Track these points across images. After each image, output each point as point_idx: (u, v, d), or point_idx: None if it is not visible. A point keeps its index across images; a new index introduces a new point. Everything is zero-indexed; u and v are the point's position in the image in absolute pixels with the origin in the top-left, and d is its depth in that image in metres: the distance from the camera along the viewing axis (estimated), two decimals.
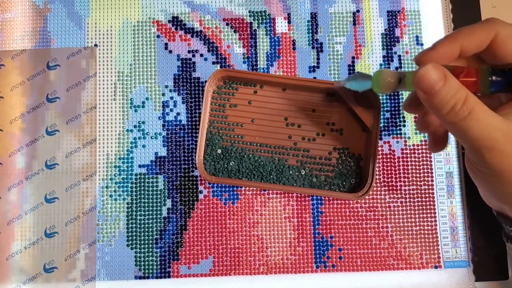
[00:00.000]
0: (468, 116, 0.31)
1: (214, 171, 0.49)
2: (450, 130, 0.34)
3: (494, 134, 0.31)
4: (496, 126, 0.31)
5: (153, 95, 0.52)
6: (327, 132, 0.50)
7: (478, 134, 0.32)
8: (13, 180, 0.51)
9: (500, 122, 0.31)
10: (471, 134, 0.32)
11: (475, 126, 0.31)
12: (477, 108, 0.31)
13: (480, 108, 0.31)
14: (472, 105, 0.31)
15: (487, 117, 0.31)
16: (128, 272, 0.50)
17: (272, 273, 0.50)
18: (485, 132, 0.31)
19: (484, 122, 0.31)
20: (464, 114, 0.31)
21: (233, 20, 0.54)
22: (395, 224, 0.50)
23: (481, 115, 0.31)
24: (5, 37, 0.53)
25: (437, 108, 0.32)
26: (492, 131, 0.31)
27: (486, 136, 0.31)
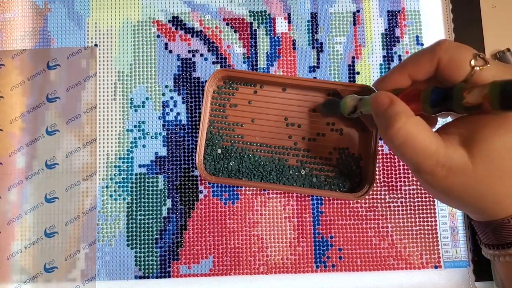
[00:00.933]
0: (404, 141, 0.33)
1: (214, 171, 0.49)
2: (393, 151, 0.36)
3: (428, 161, 0.33)
4: (428, 155, 0.33)
5: (153, 95, 0.52)
6: (327, 132, 0.50)
7: (414, 159, 0.34)
8: (13, 180, 0.51)
9: (432, 149, 0.33)
10: (408, 158, 0.34)
11: (409, 151, 0.33)
12: (414, 134, 0.33)
13: (416, 133, 0.33)
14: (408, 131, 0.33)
15: (422, 144, 0.33)
16: (128, 272, 0.50)
17: (272, 273, 0.50)
18: (420, 157, 0.33)
19: (419, 149, 0.33)
20: (401, 140, 0.33)
21: (233, 20, 0.54)
22: (395, 224, 0.50)
23: (417, 139, 0.33)
24: (5, 37, 0.53)
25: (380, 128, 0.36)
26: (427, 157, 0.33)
27: (421, 161, 0.33)
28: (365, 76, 0.53)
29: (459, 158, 0.33)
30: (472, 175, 0.33)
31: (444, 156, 0.33)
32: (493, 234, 0.37)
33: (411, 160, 0.34)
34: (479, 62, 0.33)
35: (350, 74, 0.53)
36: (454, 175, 0.33)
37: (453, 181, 0.33)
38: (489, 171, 0.32)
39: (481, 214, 0.36)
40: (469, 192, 0.34)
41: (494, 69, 0.33)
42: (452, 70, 0.34)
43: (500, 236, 0.36)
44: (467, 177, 0.33)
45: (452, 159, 0.33)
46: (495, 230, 0.36)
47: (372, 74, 0.53)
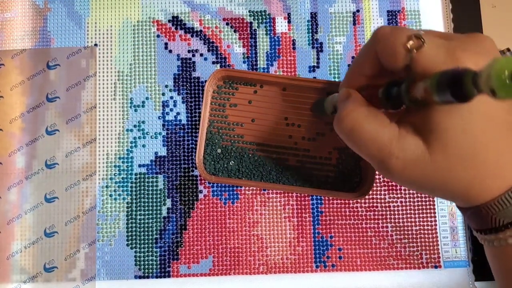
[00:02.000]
0: (351, 130, 0.33)
1: (214, 170, 0.49)
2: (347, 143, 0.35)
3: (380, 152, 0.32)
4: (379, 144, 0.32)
5: (153, 95, 0.52)
6: (327, 131, 0.50)
7: (365, 151, 0.33)
8: (13, 180, 0.51)
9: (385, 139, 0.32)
10: (358, 148, 0.33)
11: (359, 141, 0.33)
12: (360, 124, 0.32)
13: (364, 124, 0.32)
14: (355, 119, 0.32)
15: (371, 134, 0.32)
16: (128, 271, 0.50)
17: (272, 272, 0.50)
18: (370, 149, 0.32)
19: (368, 139, 0.32)
20: (348, 128, 0.33)
21: (233, 20, 0.54)
22: (395, 224, 0.50)
23: (364, 129, 0.32)
24: (5, 36, 0.53)
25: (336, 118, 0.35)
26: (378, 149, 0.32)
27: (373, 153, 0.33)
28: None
29: (414, 148, 0.31)
30: (431, 165, 0.31)
31: (397, 148, 0.31)
32: (471, 220, 0.36)
33: (364, 151, 0.33)
34: (415, 44, 0.31)
35: None
36: (412, 166, 0.32)
37: (412, 173, 0.32)
38: (448, 158, 0.31)
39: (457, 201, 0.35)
40: (432, 182, 0.32)
41: (434, 47, 0.31)
42: (389, 58, 0.32)
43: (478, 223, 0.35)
44: (426, 167, 0.31)
45: (407, 150, 0.31)
46: (472, 216, 0.35)
47: None
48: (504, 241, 0.33)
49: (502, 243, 0.33)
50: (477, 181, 0.32)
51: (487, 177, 0.32)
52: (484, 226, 0.34)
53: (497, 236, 0.33)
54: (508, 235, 0.33)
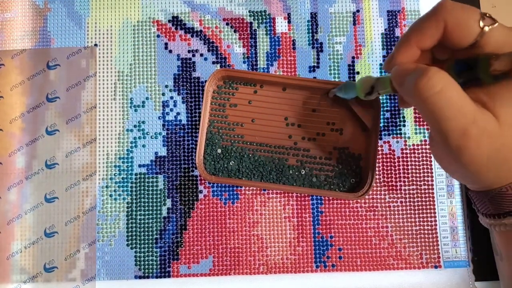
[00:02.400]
0: (439, 92, 0.30)
1: (214, 170, 0.49)
2: (422, 109, 0.32)
3: (464, 118, 0.30)
4: (465, 112, 0.30)
5: (153, 95, 0.52)
6: (327, 131, 0.50)
7: (448, 115, 0.31)
8: (13, 180, 0.51)
9: (470, 108, 0.31)
10: (441, 113, 0.31)
11: (445, 106, 0.30)
12: (448, 86, 0.30)
13: (452, 87, 0.30)
14: (444, 82, 0.30)
15: (458, 99, 0.30)
16: (128, 271, 0.50)
17: (272, 273, 0.50)
18: (456, 112, 0.30)
19: (455, 104, 0.30)
20: (436, 89, 0.30)
21: (233, 20, 0.54)
22: (395, 224, 0.50)
23: (453, 93, 0.30)
24: (5, 37, 0.53)
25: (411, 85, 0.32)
26: (461, 116, 0.30)
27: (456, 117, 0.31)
28: (365, 76, 0.52)
29: (490, 120, 0.31)
30: (500, 139, 0.31)
31: (479, 116, 0.30)
32: (491, 203, 0.35)
33: (448, 116, 0.30)
34: (487, 21, 0.31)
35: (350, 74, 0.53)
36: (485, 139, 0.31)
37: (484, 146, 0.31)
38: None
39: (483, 183, 0.35)
40: (495, 158, 0.32)
41: (502, 28, 0.31)
42: (460, 32, 0.31)
43: (498, 206, 0.35)
44: (496, 141, 0.31)
45: (487, 120, 0.31)
46: (493, 199, 0.35)
47: (372, 74, 0.52)
48: None
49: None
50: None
51: None
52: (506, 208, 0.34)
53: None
54: None
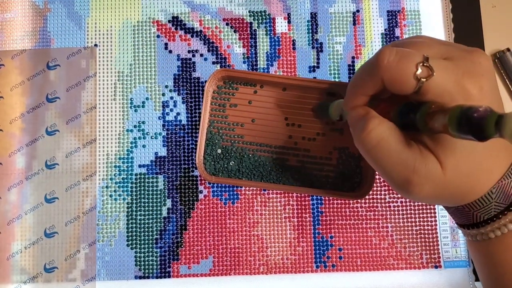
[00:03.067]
0: (377, 145, 0.32)
1: (214, 171, 0.49)
2: (367, 159, 0.35)
3: (405, 169, 0.32)
4: (405, 162, 0.32)
5: (153, 95, 0.52)
6: (327, 131, 0.50)
7: (388, 166, 0.33)
8: (13, 180, 0.51)
9: (410, 157, 0.32)
10: (382, 164, 0.33)
11: (384, 158, 0.33)
12: (386, 139, 0.32)
13: (390, 139, 0.32)
14: (382, 135, 0.32)
15: (397, 151, 0.32)
16: (128, 272, 0.50)
17: (272, 273, 0.50)
18: (395, 164, 0.32)
19: (394, 156, 0.32)
20: (374, 143, 0.32)
21: (233, 20, 0.54)
22: (395, 224, 0.50)
23: (391, 146, 0.32)
24: (5, 37, 0.53)
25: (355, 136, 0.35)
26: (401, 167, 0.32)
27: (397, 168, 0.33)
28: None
29: (433, 166, 0.32)
30: (443, 182, 0.32)
31: (421, 166, 0.32)
32: (453, 215, 0.37)
33: (388, 168, 0.33)
34: (424, 73, 0.30)
35: (350, 74, 0.53)
36: (429, 184, 0.32)
37: (428, 190, 0.33)
38: (458, 174, 0.32)
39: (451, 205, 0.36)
40: (441, 195, 0.34)
41: (443, 75, 0.31)
42: (397, 87, 0.31)
43: (459, 219, 0.37)
44: (439, 184, 0.32)
45: (429, 168, 0.32)
46: (454, 213, 0.37)
47: None
48: (486, 235, 0.35)
49: (484, 237, 0.35)
50: (474, 190, 0.34)
51: (479, 184, 0.33)
52: (467, 221, 0.36)
53: (479, 230, 0.35)
54: (489, 230, 0.35)
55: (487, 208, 0.34)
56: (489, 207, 0.34)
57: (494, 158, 0.33)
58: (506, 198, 0.34)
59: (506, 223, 0.34)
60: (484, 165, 0.33)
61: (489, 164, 0.33)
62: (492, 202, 0.34)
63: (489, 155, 0.33)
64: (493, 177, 0.33)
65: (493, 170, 0.33)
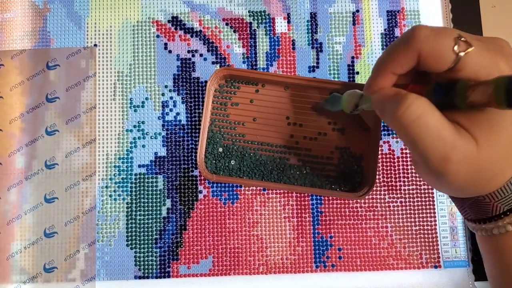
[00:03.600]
0: (417, 119, 0.31)
1: (215, 169, 0.49)
2: (402, 137, 0.33)
3: (443, 145, 0.31)
4: (445, 138, 0.31)
5: (153, 95, 0.52)
6: (329, 131, 0.50)
7: (427, 142, 0.31)
8: (12, 180, 0.51)
9: (450, 133, 0.31)
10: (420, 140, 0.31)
11: (424, 132, 0.31)
12: (427, 113, 0.31)
13: (431, 113, 0.31)
14: (422, 109, 0.31)
15: (437, 126, 0.31)
16: (128, 272, 0.50)
17: (271, 273, 0.50)
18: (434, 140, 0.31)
19: (434, 131, 0.31)
20: (414, 117, 0.31)
21: (233, 20, 0.54)
22: (394, 224, 0.50)
23: (431, 120, 0.31)
24: (4, 37, 0.53)
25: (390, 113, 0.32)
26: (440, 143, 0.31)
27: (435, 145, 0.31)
28: (365, 76, 0.53)
29: (469, 144, 0.31)
30: (477, 162, 0.31)
31: (460, 139, 0.31)
32: (470, 209, 0.36)
33: (424, 143, 0.31)
34: (462, 47, 0.30)
35: (349, 74, 0.53)
36: (464, 163, 0.31)
37: (463, 170, 0.32)
38: (491, 154, 0.31)
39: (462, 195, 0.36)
40: (471, 180, 0.32)
41: (478, 52, 0.31)
42: (435, 60, 0.31)
43: (477, 212, 0.36)
44: (474, 163, 0.31)
45: (466, 145, 0.31)
46: (472, 206, 0.36)
47: None
48: (503, 229, 0.34)
49: (502, 231, 0.34)
50: (504, 173, 0.33)
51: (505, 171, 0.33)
52: (484, 214, 0.35)
53: (497, 223, 0.35)
54: (507, 222, 0.34)
55: (508, 199, 0.33)
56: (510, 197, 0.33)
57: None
58: None
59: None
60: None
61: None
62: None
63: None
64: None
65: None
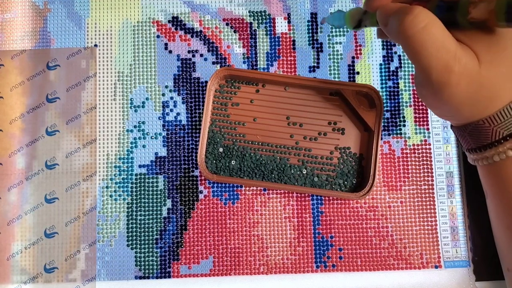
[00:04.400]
0: (424, 28, 0.31)
1: (215, 169, 0.49)
2: (406, 47, 0.33)
3: (446, 54, 0.32)
4: (448, 48, 0.32)
5: (153, 95, 0.52)
6: (329, 131, 0.50)
7: (431, 50, 0.32)
8: (13, 180, 0.51)
9: (453, 44, 0.32)
10: (425, 49, 0.32)
11: (429, 41, 0.31)
12: (433, 23, 0.31)
13: (436, 24, 0.31)
14: (428, 19, 0.31)
15: (441, 36, 0.31)
16: (128, 272, 0.50)
17: (272, 273, 0.50)
18: (439, 49, 0.31)
19: (439, 40, 0.31)
20: (420, 26, 0.31)
21: (233, 20, 0.54)
22: (395, 224, 0.50)
23: (437, 30, 0.31)
24: (5, 37, 0.53)
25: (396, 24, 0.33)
26: (444, 52, 0.32)
27: (439, 54, 0.32)
28: (365, 76, 0.53)
29: (472, 58, 0.32)
30: (479, 78, 0.32)
31: (461, 53, 0.32)
32: (470, 137, 0.37)
33: (429, 52, 0.32)
34: None
35: (350, 74, 0.53)
36: (466, 77, 0.32)
37: (464, 84, 0.32)
38: (493, 72, 0.32)
39: (461, 117, 0.36)
40: (472, 97, 0.33)
41: None
42: None
43: (477, 139, 0.36)
44: (475, 79, 0.32)
45: (468, 58, 0.32)
46: (472, 132, 0.36)
47: (372, 74, 0.53)
48: (503, 154, 0.35)
49: (502, 157, 0.35)
50: (504, 93, 0.33)
51: (504, 93, 0.34)
52: (484, 140, 0.36)
53: (497, 149, 0.35)
54: (507, 147, 0.35)
55: (507, 123, 0.34)
56: (509, 121, 0.34)
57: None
58: None
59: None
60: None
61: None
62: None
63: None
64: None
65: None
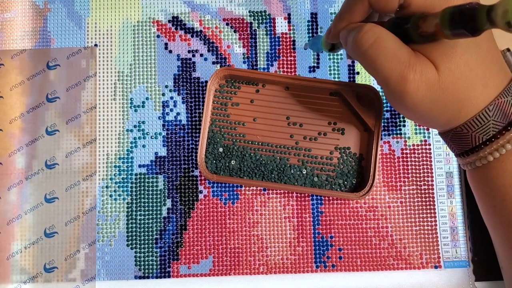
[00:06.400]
0: (374, 43, 0.33)
1: (215, 169, 0.49)
2: (362, 63, 0.35)
3: (400, 65, 0.33)
4: (400, 58, 0.33)
5: (153, 95, 0.52)
6: (329, 131, 0.50)
7: (384, 63, 0.33)
8: (13, 180, 0.51)
9: (405, 54, 0.33)
10: (377, 62, 0.33)
11: (381, 54, 0.33)
12: (382, 37, 0.33)
13: (386, 37, 0.33)
14: (377, 34, 0.33)
15: (393, 48, 0.33)
16: (128, 272, 0.50)
17: (272, 273, 0.50)
18: (392, 61, 0.33)
19: (390, 52, 0.33)
20: (370, 41, 0.33)
21: (233, 20, 0.54)
22: (395, 224, 0.50)
23: (387, 42, 0.33)
24: (5, 37, 0.53)
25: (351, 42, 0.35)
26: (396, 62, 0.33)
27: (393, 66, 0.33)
28: (365, 76, 0.53)
29: (428, 68, 0.33)
30: (438, 86, 0.33)
31: (416, 63, 0.32)
32: (453, 143, 0.38)
33: (384, 65, 0.33)
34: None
35: (350, 74, 0.53)
36: (424, 87, 0.33)
37: (423, 94, 0.33)
38: (453, 80, 0.33)
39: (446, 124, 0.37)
40: (436, 104, 0.34)
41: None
42: (384, 3, 0.33)
43: (459, 145, 0.37)
44: (435, 88, 0.33)
45: (424, 67, 0.33)
46: (453, 139, 0.37)
47: None
48: (485, 159, 0.36)
49: (484, 162, 0.36)
50: (470, 101, 0.34)
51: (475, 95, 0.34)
52: (466, 146, 0.36)
53: (478, 155, 0.36)
54: (487, 152, 0.35)
55: (485, 128, 0.35)
56: (487, 126, 0.34)
57: (488, 70, 0.34)
58: (504, 117, 0.34)
59: (504, 143, 0.35)
60: (479, 73, 0.34)
61: (483, 73, 0.34)
62: (490, 120, 0.34)
63: (482, 64, 0.34)
64: (489, 92, 0.34)
65: (488, 84, 0.34)
